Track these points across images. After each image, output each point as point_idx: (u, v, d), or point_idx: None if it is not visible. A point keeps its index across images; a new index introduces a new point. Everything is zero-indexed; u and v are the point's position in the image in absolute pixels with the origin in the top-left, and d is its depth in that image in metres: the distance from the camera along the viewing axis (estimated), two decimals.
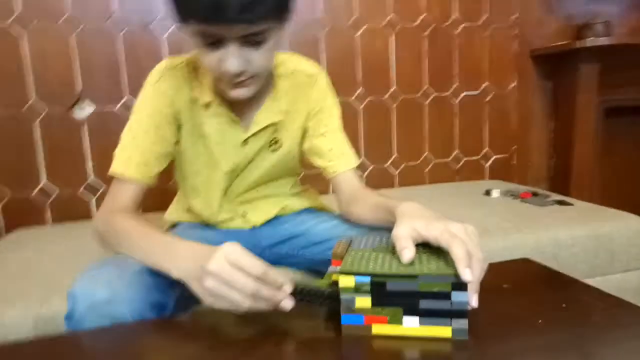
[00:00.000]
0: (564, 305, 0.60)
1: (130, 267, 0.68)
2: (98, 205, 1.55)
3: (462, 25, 1.83)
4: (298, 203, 1.05)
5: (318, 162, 0.96)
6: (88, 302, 0.63)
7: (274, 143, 0.95)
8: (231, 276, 0.56)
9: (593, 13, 1.91)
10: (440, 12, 1.80)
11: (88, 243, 1.22)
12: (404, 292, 0.53)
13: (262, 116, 0.91)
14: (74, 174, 1.52)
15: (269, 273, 0.57)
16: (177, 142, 0.90)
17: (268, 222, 1.01)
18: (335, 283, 0.55)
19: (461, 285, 0.52)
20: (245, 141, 0.92)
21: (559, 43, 1.88)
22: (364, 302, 0.54)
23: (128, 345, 0.58)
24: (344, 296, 0.54)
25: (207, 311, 0.61)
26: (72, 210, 1.53)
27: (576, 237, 1.15)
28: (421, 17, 1.78)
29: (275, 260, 0.97)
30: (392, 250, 0.59)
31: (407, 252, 0.55)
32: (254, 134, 0.91)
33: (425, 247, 0.59)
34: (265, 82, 0.89)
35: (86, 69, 1.49)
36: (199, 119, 0.89)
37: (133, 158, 0.83)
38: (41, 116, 1.47)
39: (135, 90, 1.52)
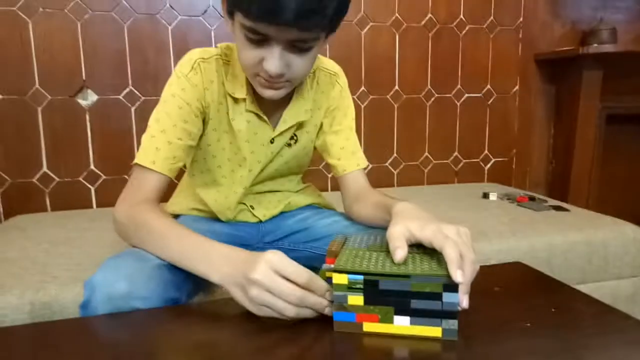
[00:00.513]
0: (553, 309, 0.60)
1: (150, 261, 0.68)
2: (98, 194, 1.55)
3: (467, 27, 1.83)
4: (302, 199, 1.06)
5: (328, 159, 0.97)
6: (106, 294, 0.63)
7: (291, 138, 0.96)
8: (277, 285, 0.55)
9: (599, 19, 1.91)
10: (446, 13, 1.80)
11: (86, 231, 1.23)
12: (396, 291, 0.54)
13: (290, 114, 0.91)
14: (75, 162, 1.53)
15: (313, 280, 0.56)
16: (201, 136, 0.89)
17: (272, 217, 1.02)
18: (329, 280, 0.56)
19: (452, 287, 0.52)
20: (272, 139, 0.92)
21: (564, 48, 1.88)
22: (356, 300, 0.54)
23: (137, 333, 0.59)
24: (336, 293, 0.55)
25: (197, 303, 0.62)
26: (72, 198, 1.53)
27: (570, 242, 1.16)
28: (427, 18, 1.78)
29: None
30: (387, 250, 0.59)
31: (400, 252, 0.56)
32: (280, 133, 0.91)
33: (419, 247, 0.60)
34: None
35: (91, 57, 1.49)
36: (228, 114, 0.88)
37: (162, 151, 0.80)
38: (44, 103, 1.48)
39: (138, 80, 1.53)
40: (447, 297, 0.53)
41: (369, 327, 0.55)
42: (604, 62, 1.81)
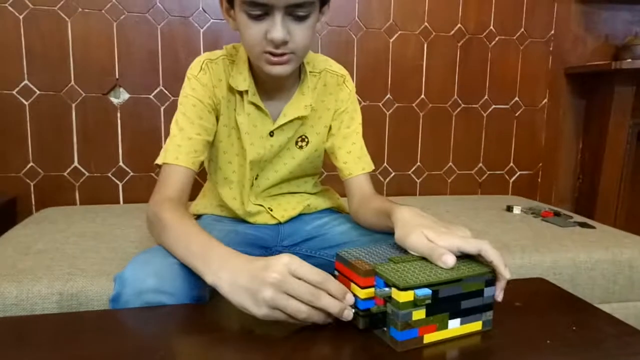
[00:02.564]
0: (574, 328, 0.60)
1: (177, 259, 0.69)
2: (125, 190, 1.60)
3: (497, 38, 1.82)
4: (321, 202, 1.08)
5: (335, 161, 0.99)
6: (136, 288, 0.65)
7: (301, 140, 0.98)
8: (292, 285, 0.55)
9: (634, 34, 1.87)
10: (476, 24, 1.79)
11: (113, 226, 1.27)
12: (451, 296, 0.55)
13: (290, 109, 0.94)
14: (105, 158, 1.57)
15: (330, 281, 0.56)
16: (215, 133, 0.94)
17: (292, 219, 1.03)
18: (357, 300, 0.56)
19: (491, 281, 0.58)
20: (272, 133, 0.95)
21: (596, 63, 1.85)
22: (419, 314, 0.54)
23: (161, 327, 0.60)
24: (402, 312, 0.53)
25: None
26: (101, 193, 1.58)
27: (595, 260, 1.14)
28: (456, 27, 1.77)
29: None
30: (418, 258, 0.60)
31: (449, 258, 0.57)
32: (280, 127, 0.94)
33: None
34: (296, 77, 0.93)
35: (124, 57, 1.54)
36: (234, 109, 0.93)
37: (183, 147, 0.85)
38: (78, 100, 1.53)
39: (170, 81, 1.57)
40: (487, 291, 0.58)
41: (429, 338, 0.55)
42: (637, 78, 1.77)
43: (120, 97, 1.56)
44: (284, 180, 1.02)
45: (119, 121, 1.56)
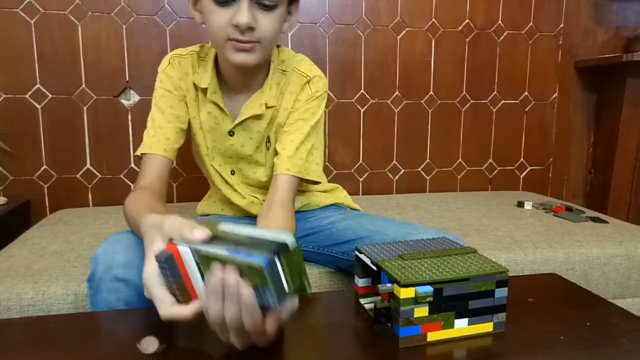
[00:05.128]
0: (588, 323, 0.60)
1: None
2: None
3: (506, 33, 1.80)
4: (323, 199, 1.07)
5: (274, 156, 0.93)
6: (106, 265, 0.68)
7: (268, 141, 0.98)
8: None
9: None
10: (484, 19, 1.78)
11: (125, 227, 1.28)
12: (456, 295, 0.55)
13: (247, 107, 0.94)
14: (117, 159, 1.59)
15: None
16: (190, 127, 0.97)
17: None
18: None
19: (503, 282, 0.56)
20: (232, 132, 0.96)
21: (606, 55, 1.83)
22: (421, 311, 0.54)
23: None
24: (403, 308, 0.53)
25: None
26: (112, 194, 1.60)
27: (609, 256, 1.13)
28: (464, 23, 1.76)
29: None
30: (427, 256, 0.60)
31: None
32: (240, 126, 0.95)
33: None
34: (263, 76, 0.93)
35: (134, 59, 1.55)
36: (198, 106, 0.95)
37: (155, 136, 0.90)
38: (90, 102, 1.54)
39: None
40: (498, 292, 0.56)
41: (432, 336, 0.55)
42: None
43: (131, 99, 1.57)
44: (267, 181, 1.00)
45: (129, 123, 1.58)
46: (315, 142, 0.93)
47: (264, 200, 1.01)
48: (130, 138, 1.58)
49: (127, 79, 1.55)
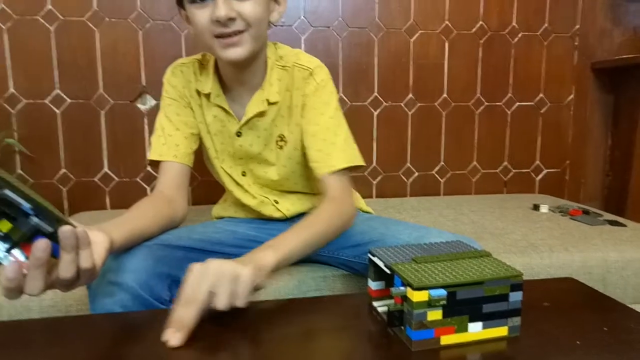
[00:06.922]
0: (605, 328, 0.59)
1: (144, 243, 0.77)
2: None
3: (520, 34, 1.79)
4: None
5: (308, 162, 0.93)
6: (102, 270, 0.69)
7: (280, 140, 0.98)
8: None
9: None
10: (498, 20, 1.77)
11: None
12: (471, 299, 0.55)
13: (251, 106, 0.95)
14: (134, 163, 1.61)
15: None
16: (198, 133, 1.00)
17: (301, 215, 1.03)
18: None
19: (518, 286, 0.56)
20: (239, 133, 0.96)
21: (624, 56, 1.80)
22: (435, 315, 0.54)
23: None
24: (416, 311, 0.53)
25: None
26: (129, 197, 1.62)
27: (627, 260, 1.11)
28: (478, 25, 1.76)
29: (313, 259, 1.01)
30: (440, 259, 0.60)
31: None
32: (246, 125, 0.95)
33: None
34: (262, 73, 0.94)
35: (150, 64, 1.58)
36: (203, 111, 0.97)
37: (165, 144, 0.93)
38: (107, 107, 1.57)
39: None
40: (513, 296, 0.56)
41: (446, 339, 0.55)
42: None
43: (147, 103, 1.59)
44: (282, 181, 1.01)
45: (145, 127, 1.60)
46: (342, 128, 0.92)
47: (275, 201, 1.02)
48: (146, 142, 1.61)
49: (144, 84, 1.58)
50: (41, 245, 0.51)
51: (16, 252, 0.50)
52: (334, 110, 0.93)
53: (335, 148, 0.90)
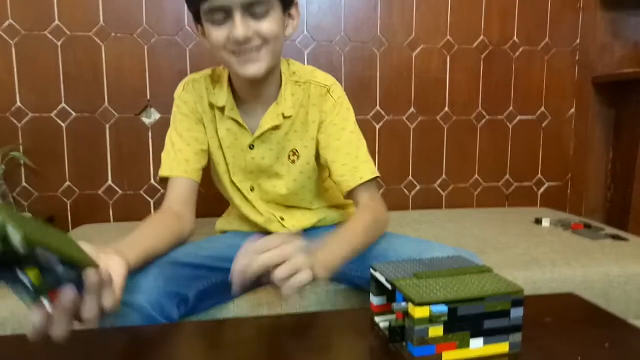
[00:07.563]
0: (607, 344, 0.59)
1: (154, 261, 0.77)
2: (157, 207, 1.64)
3: (521, 49, 1.81)
4: (337, 216, 1.08)
5: (331, 176, 0.96)
6: None
7: (292, 154, 0.99)
8: None
9: None
10: (499, 35, 1.79)
11: None
12: (472, 315, 0.55)
13: (265, 119, 0.96)
14: (138, 176, 1.63)
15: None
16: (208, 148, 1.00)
17: (306, 231, 1.04)
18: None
19: (519, 302, 0.56)
20: (252, 146, 0.97)
21: (625, 70, 1.81)
22: (436, 331, 0.54)
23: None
24: (418, 327, 0.53)
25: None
26: (133, 210, 1.63)
27: (629, 274, 1.11)
28: (479, 39, 1.77)
29: None
30: (441, 275, 0.61)
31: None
32: (259, 139, 0.97)
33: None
34: (277, 88, 0.96)
35: (155, 78, 1.59)
36: (215, 124, 0.98)
37: (175, 159, 0.93)
38: (112, 120, 1.59)
39: None
40: (514, 312, 0.56)
41: (447, 355, 0.55)
42: None
43: (152, 117, 1.61)
44: (289, 195, 1.02)
45: (150, 140, 1.62)
46: (362, 142, 0.97)
47: (280, 217, 1.03)
48: (151, 155, 1.62)
49: (148, 98, 1.60)
50: (68, 295, 0.51)
51: (43, 299, 0.50)
52: (353, 125, 0.97)
53: (359, 161, 0.94)
